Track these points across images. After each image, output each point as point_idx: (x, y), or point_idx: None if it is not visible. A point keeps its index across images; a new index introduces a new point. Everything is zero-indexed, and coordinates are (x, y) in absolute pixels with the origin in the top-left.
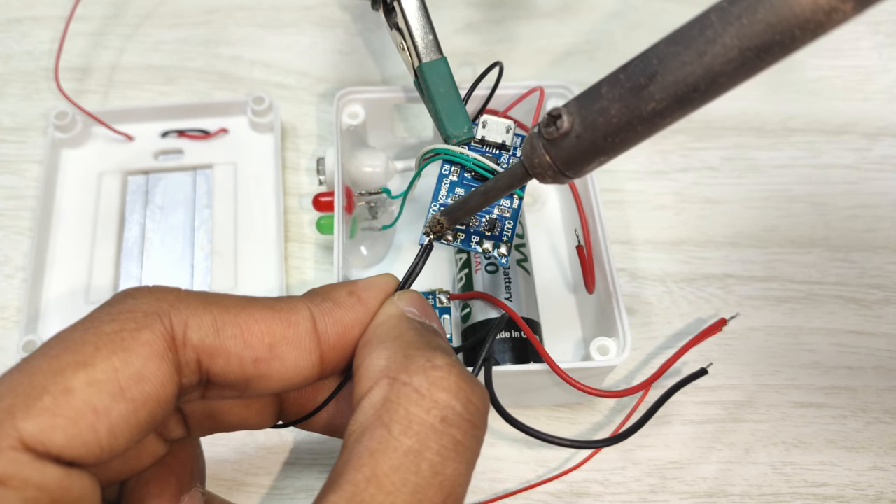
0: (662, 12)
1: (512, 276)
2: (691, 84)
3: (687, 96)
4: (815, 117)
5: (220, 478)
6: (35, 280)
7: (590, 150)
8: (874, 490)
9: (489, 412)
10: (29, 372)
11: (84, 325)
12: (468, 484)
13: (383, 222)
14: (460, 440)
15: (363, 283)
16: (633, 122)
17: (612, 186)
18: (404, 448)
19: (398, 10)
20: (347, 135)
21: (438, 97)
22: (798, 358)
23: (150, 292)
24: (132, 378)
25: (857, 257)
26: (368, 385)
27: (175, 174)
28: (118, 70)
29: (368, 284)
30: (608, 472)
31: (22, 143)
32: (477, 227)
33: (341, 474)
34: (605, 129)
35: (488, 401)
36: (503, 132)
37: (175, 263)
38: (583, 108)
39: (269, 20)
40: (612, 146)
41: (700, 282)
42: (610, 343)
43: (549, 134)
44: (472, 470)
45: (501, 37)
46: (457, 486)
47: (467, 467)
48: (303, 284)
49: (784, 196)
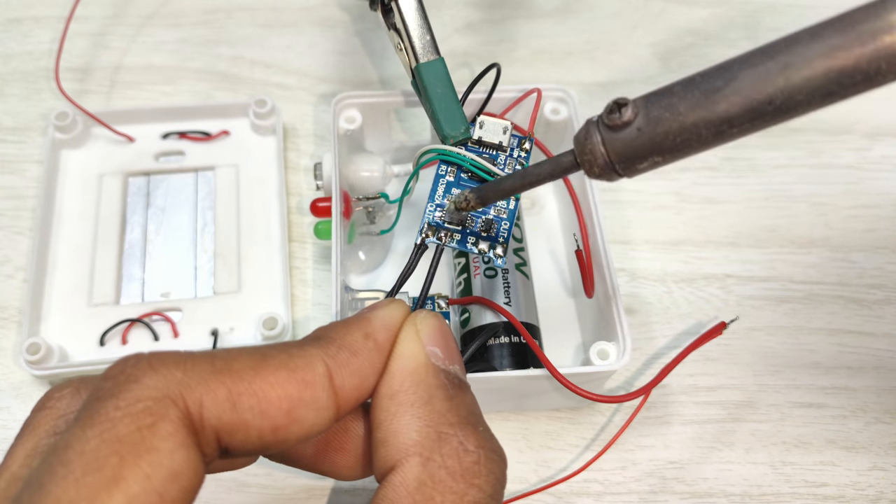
0: (662, 12)
1: (511, 280)
2: (768, 95)
3: (760, 107)
4: (815, 117)
5: (220, 478)
6: (37, 282)
7: (648, 145)
8: (874, 490)
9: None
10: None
11: (96, 429)
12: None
13: (381, 227)
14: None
15: (379, 322)
16: (699, 125)
17: (611, 186)
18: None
19: (396, 11)
20: (345, 139)
21: (436, 97)
22: (798, 358)
23: (154, 370)
24: (166, 480)
25: (858, 257)
26: (397, 456)
27: (176, 176)
28: (118, 70)
29: (385, 324)
30: (608, 472)
31: (22, 143)
32: (473, 228)
33: None
34: (669, 126)
35: (506, 464)
36: (500, 133)
37: (178, 265)
38: (650, 103)
39: (270, 20)
40: (671, 146)
41: (700, 282)
42: (610, 347)
43: (612, 121)
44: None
45: (501, 37)
46: None
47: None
48: (303, 285)
49: (784, 196)
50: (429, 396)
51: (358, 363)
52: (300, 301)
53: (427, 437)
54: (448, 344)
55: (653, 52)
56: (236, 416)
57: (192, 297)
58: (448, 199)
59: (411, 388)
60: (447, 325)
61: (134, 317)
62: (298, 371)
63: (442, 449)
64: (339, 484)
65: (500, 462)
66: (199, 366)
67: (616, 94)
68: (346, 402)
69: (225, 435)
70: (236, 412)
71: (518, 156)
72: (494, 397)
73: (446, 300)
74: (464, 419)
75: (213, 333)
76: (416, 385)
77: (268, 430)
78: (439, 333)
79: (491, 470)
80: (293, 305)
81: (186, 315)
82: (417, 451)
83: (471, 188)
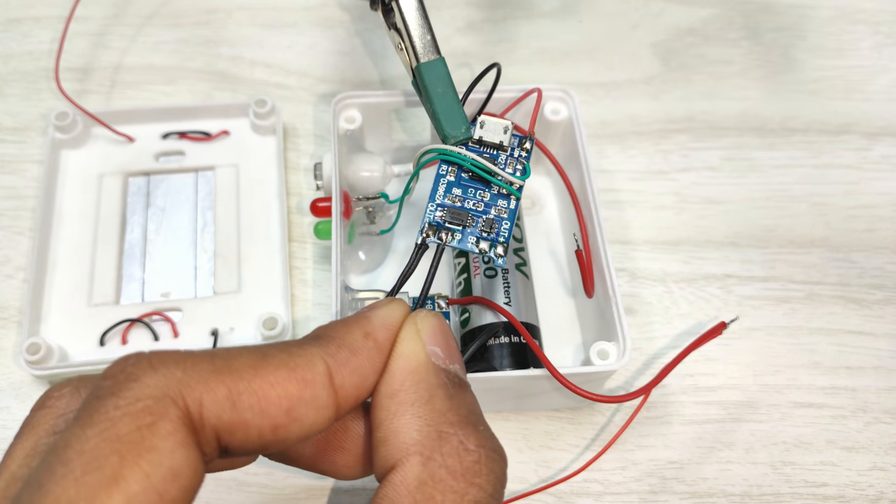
0: (662, 12)
1: (511, 280)
2: None
3: None
4: (815, 117)
5: (219, 477)
6: (37, 282)
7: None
8: (874, 490)
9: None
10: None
11: (96, 429)
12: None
13: (381, 227)
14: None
15: (379, 322)
16: None
17: (611, 186)
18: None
19: (396, 10)
20: (345, 139)
21: (436, 97)
22: (798, 358)
23: (154, 368)
24: (166, 479)
25: (857, 257)
26: (398, 456)
27: (176, 176)
28: (118, 70)
29: (385, 323)
30: (608, 472)
31: (22, 143)
32: (473, 228)
33: None
34: None
35: (507, 463)
36: (501, 132)
37: (178, 265)
38: None
39: (270, 20)
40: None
41: (700, 282)
42: (610, 347)
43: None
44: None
45: (501, 37)
46: None
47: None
48: (303, 285)
49: (784, 196)
50: (429, 395)
51: (358, 362)
52: (300, 301)
53: (427, 437)
54: (449, 343)
55: (653, 52)
56: (236, 416)
57: (192, 297)
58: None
59: (412, 388)
60: (447, 325)
61: (134, 317)
62: (298, 370)
63: (442, 448)
64: (339, 484)
65: (500, 461)
66: (199, 365)
67: (616, 94)
68: (346, 401)
69: (225, 434)
70: (236, 411)
71: (519, 155)
72: (494, 397)
73: (446, 300)
74: (464, 418)
75: (213, 333)
76: (416, 384)
77: (268, 428)
78: (440, 332)
79: (491, 469)
80: (293, 305)
81: (186, 315)
82: (418, 450)
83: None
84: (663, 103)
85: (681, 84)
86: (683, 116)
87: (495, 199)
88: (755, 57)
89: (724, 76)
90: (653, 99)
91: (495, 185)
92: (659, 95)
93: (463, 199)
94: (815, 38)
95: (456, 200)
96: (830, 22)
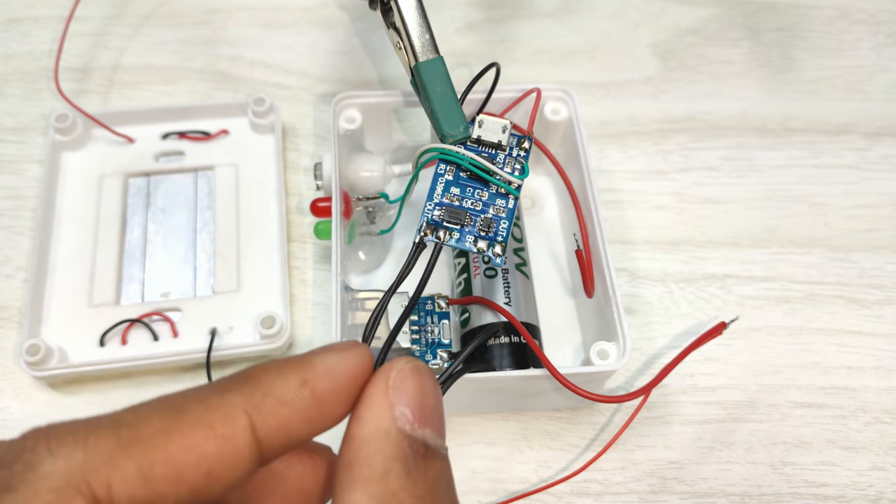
0: (662, 12)
1: (511, 280)
2: None
3: None
4: (815, 117)
5: None
6: (37, 282)
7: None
8: (874, 490)
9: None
10: None
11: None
12: None
13: (381, 227)
14: None
15: (323, 369)
16: None
17: (611, 186)
18: None
19: (395, 9)
20: (345, 139)
21: (435, 96)
22: (798, 358)
23: (52, 454)
24: None
25: (857, 257)
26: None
27: (176, 176)
28: (118, 70)
29: (330, 371)
30: (608, 472)
31: (22, 144)
32: (472, 227)
33: None
34: None
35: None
36: (499, 132)
37: (177, 266)
38: None
39: (270, 20)
40: None
41: (700, 282)
42: (610, 347)
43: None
44: None
45: (501, 37)
46: None
47: None
48: (303, 284)
49: (784, 196)
50: (384, 470)
51: (286, 414)
52: (300, 301)
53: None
54: (423, 402)
55: (653, 52)
56: (150, 490)
57: (192, 297)
58: None
59: (366, 460)
60: (429, 377)
61: (134, 317)
62: (217, 426)
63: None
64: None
65: None
66: (102, 441)
67: (616, 94)
68: (272, 452)
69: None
70: (149, 486)
71: (517, 155)
72: (494, 397)
73: (446, 300)
74: (418, 499)
75: (211, 332)
76: (371, 455)
77: (185, 493)
78: (416, 389)
79: None
80: (293, 305)
81: (186, 315)
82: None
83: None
84: (663, 103)
85: (681, 84)
86: (683, 116)
87: (494, 198)
88: (755, 57)
89: (725, 76)
90: (653, 99)
91: (494, 184)
92: (659, 95)
93: (461, 198)
94: (816, 38)
95: (454, 199)
96: (830, 22)
